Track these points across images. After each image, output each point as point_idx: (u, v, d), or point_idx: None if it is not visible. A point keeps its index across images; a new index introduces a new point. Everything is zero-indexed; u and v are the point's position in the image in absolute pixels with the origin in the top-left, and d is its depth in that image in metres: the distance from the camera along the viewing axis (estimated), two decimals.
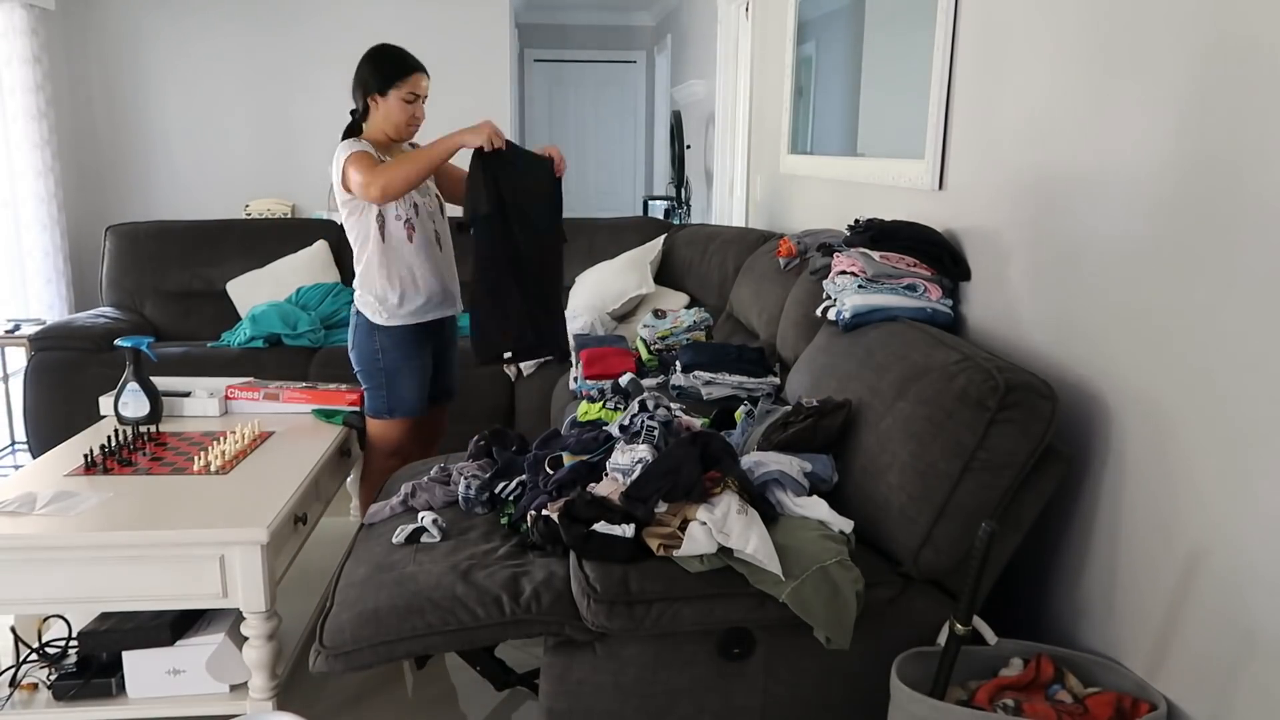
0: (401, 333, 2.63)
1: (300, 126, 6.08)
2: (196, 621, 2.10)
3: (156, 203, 5.95)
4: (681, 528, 1.69)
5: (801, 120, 3.64)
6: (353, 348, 2.69)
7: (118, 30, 5.77)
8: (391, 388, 2.66)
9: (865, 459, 1.83)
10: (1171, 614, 1.49)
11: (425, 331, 2.68)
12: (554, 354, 2.79)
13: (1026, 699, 1.50)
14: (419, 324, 2.65)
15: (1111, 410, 1.65)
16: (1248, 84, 1.32)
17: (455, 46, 6.06)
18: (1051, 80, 1.84)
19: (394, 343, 2.63)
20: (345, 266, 4.30)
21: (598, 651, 1.69)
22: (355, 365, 2.70)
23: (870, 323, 2.15)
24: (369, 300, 2.61)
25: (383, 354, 2.63)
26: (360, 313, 2.64)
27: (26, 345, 3.65)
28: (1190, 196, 1.44)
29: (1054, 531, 1.84)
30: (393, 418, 2.68)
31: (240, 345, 3.74)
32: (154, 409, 2.57)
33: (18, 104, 4.93)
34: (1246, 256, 1.32)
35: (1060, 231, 1.81)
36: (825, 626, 1.60)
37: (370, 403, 2.69)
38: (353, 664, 1.66)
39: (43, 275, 5.11)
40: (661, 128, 7.87)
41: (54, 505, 2.02)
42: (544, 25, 8.30)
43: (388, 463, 2.73)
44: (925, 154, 2.38)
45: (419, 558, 1.83)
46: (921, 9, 2.40)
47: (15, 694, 2.03)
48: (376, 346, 2.63)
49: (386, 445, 2.73)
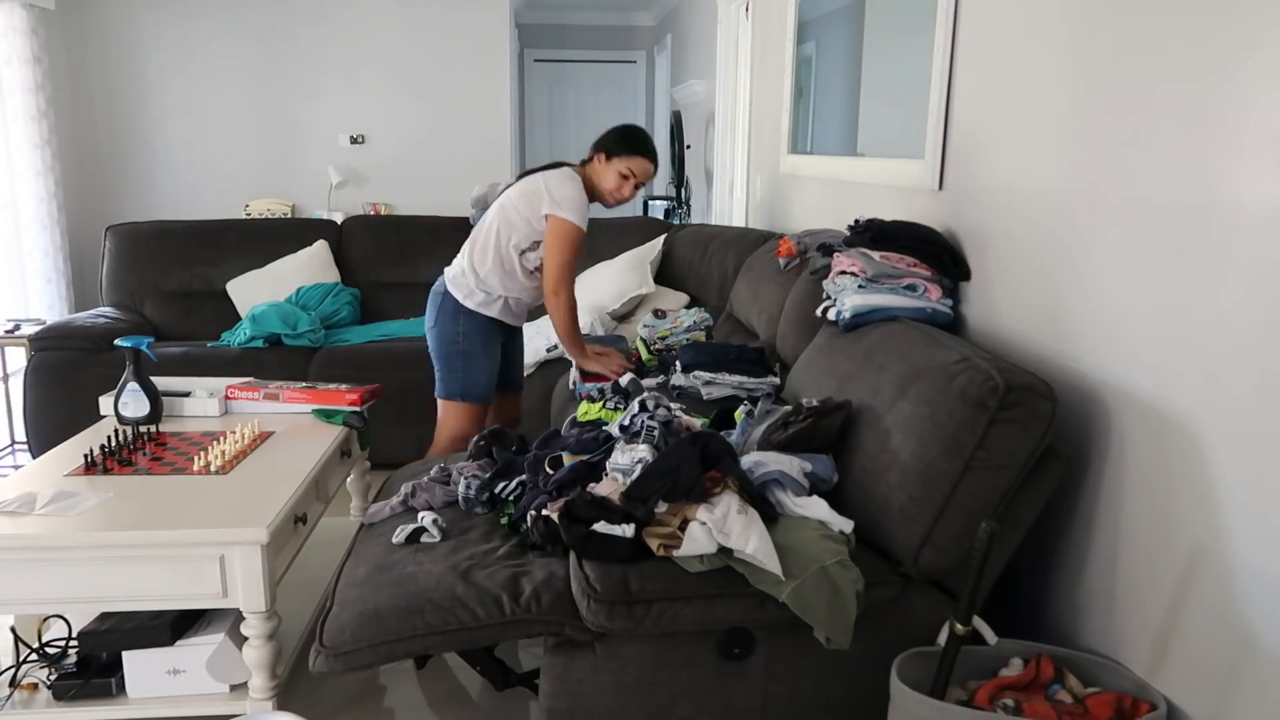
0: (484, 320, 2.75)
1: (300, 127, 6.08)
2: (196, 621, 2.10)
3: (156, 203, 5.95)
4: (681, 528, 1.69)
5: (801, 120, 3.64)
6: (432, 327, 2.78)
7: (118, 30, 5.77)
8: (467, 371, 2.75)
9: (865, 459, 1.83)
10: (1171, 614, 1.49)
11: (501, 328, 2.82)
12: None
13: (1026, 699, 1.50)
14: (497, 320, 2.78)
15: (1111, 410, 1.65)
16: (1250, 81, 1.32)
17: (455, 46, 6.06)
18: (1052, 80, 1.84)
19: (476, 328, 2.74)
20: (345, 266, 4.31)
21: (598, 651, 1.69)
22: (433, 346, 2.79)
23: (870, 323, 2.15)
24: (466, 283, 2.72)
25: (464, 337, 2.74)
26: (450, 294, 2.73)
27: (26, 345, 3.65)
28: (1190, 196, 1.44)
29: (1054, 531, 1.84)
30: (463, 401, 2.77)
31: (240, 345, 3.74)
32: (154, 409, 2.57)
33: (18, 104, 4.93)
34: (1246, 256, 1.32)
35: (1060, 231, 1.81)
36: (825, 626, 1.60)
37: (443, 386, 2.78)
38: (353, 664, 1.66)
39: (43, 275, 5.11)
40: (661, 128, 7.87)
41: (54, 505, 2.02)
42: (544, 25, 8.30)
43: (453, 445, 2.80)
44: (925, 154, 2.38)
45: (419, 558, 1.83)
46: (921, 9, 2.40)
47: (15, 694, 2.03)
48: (460, 330, 2.73)
49: (455, 428, 2.80)
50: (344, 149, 6.13)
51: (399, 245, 4.33)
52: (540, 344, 3.55)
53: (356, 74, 6.04)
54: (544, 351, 3.53)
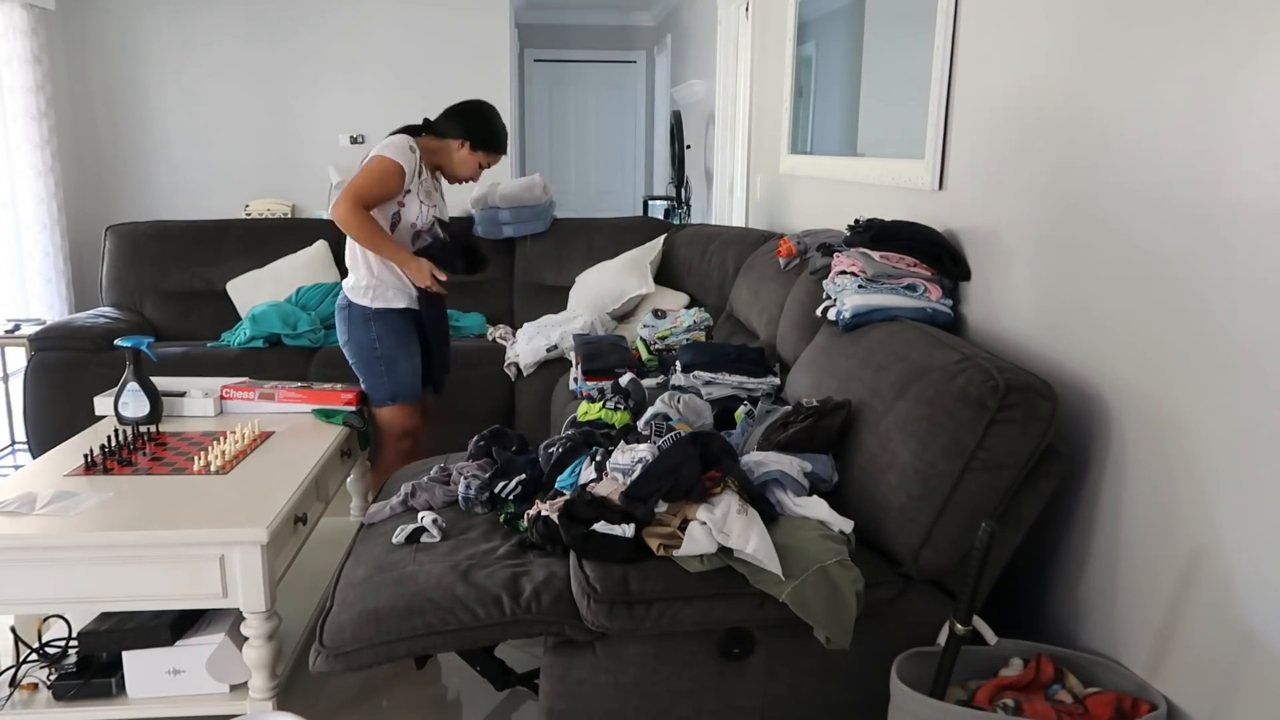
0: (394, 318, 2.70)
1: (300, 127, 6.08)
2: (196, 621, 2.10)
3: (156, 203, 5.95)
4: (681, 528, 1.69)
5: (801, 120, 3.64)
6: (347, 341, 2.75)
7: (118, 30, 5.77)
8: (392, 374, 2.72)
9: (865, 459, 1.83)
10: (1171, 614, 1.49)
11: (413, 316, 2.76)
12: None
13: (1026, 699, 1.50)
14: (407, 309, 2.73)
15: (1111, 410, 1.65)
16: (1249, 83, 1.32)
17: (455, 46, 6.06)
18: (1052, 80, 1.84)
19: (389, 329, 2.70)
20: (345, 266, 4.30)
21: (598, 651, 1.69)
22: (351, 358, 2.76)
23: (870, 323, 2.15)
24: (360, 286, 2.68)
25: (379, 342, 2.70)
26: (353, 303, 2.70)
27: (26, 345, 3.64)
28: (1190, 196, 1.44)
29: (1054, 531, 1.84)
30: (395, 404, 2.75)
31: (240, 345, 3.74)
32: (154, 409, 2.57)
33: (18, 104, 4.93)
34: (1246, 255, 1.32)
35: (1060, 231, 1.81)
36: (825, 626, 1.60)
37: (373, 393, 2.75)
38: (353, 664, 1.66)
39: (43, 275, 5.11)
40: (661, 128, 7.87)
41: (54, 505, 2.02)
42: (544, 25, 8.30)
43: (400, 445, 2.80)
44: (925, 154, 2.38)
45: (419, 558, 1.83)
46: (921, 9, 2.40)
47: (15, 694, 2.03)
48: (373, 335, 2.69)
49: (396, 429, 2.79)
50: (344, 149, 6.13)
51: None
52: (540, 344, 3.54)
53: (356, 74, 6.04)
54: (544, 351, 3.53)
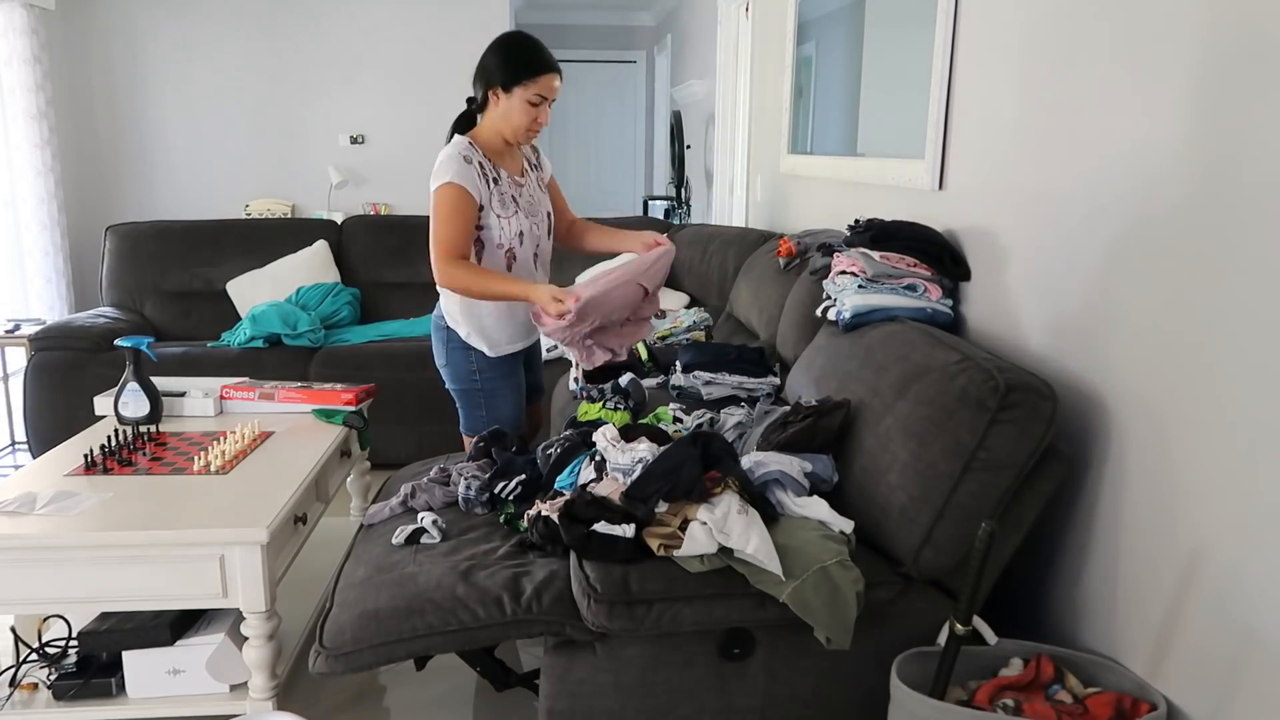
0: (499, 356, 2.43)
1: (300, 127, 6.08)
2: (196, 621, 2.10)
3: (156, 203, 5.95)
4: (682, 528, 1.69)
5: (801, 120, 3.64)
6: (444, 364, 2.46)
7: (118, 30, 5.77)
8: (491, 407, 2.45)
9: (865, 459, 1.83)
10: (1171, 614, 1.49)
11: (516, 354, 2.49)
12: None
13: (1026, 699, 1.50)
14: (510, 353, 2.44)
15: (1111, 410, 1.65)
16: (1248, 82, 1.32)
17: (455, 46, 6.06)
18: (1052, 80, 1.84)
19: (490, 364, 2.41)
20: (345, 266, 4.31)
21: (598, 651, 1.69)
22: (449, 383, 2.48)
23: (870, 323, 2.15)
24: (456, 314, 2.38)
25: (481, 374, 2.42)
26: (452, 329, 2.39)
27: (26, 345, 3.65)
28: (1189, 196, 1.44)
29: (1054, 531, 1.84)
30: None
31: (240, 345, 3.74)
32: (154, 409, 2.57)
33: (18, 104, 4.93)
34: (1246, 255, 1.32)
35: (1060, 231, 1.81)
36: (825, 627, 1.60)
37: (467, 421, 2.48)
38: (353, 665, 1.66)
39: (43, 275, 5.11)
40: (661, 128, 7.87)
41: (54, 505, 2.02)
42: (544, 25, 8.30)
43: None
44: (925, 154, 2.38)
45: (419, 558, 1.83)
46: (921, 9, 2.40)
47: (15, 694, 2.03)
48: (474, 367, 2.41)
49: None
50: (344, 149, 6.13)
51: (399, 245, 4.33)
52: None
53: (356, 74, 6.05)
54: (544, 352, 3.53)
